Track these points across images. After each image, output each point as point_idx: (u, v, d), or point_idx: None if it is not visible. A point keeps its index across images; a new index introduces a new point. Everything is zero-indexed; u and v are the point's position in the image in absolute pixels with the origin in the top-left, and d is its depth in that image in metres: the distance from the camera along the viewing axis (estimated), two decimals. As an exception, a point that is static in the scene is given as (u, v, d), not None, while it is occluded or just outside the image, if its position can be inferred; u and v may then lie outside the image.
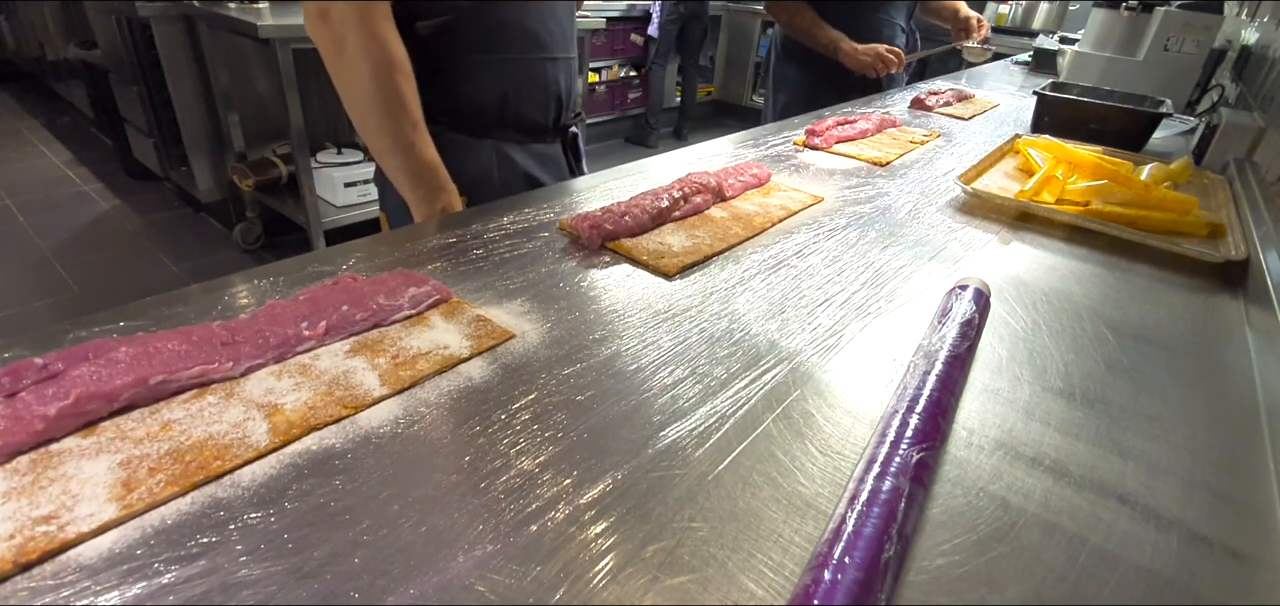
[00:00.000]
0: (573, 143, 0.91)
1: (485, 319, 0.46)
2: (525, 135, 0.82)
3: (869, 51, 1.44)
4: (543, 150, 0.85)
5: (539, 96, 0.81)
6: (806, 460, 0.36)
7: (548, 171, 0.86)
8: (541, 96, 0.82)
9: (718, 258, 0.60)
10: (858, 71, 1.47)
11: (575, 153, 0.92)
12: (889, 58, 1.44)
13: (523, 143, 0.82)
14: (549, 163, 0.87)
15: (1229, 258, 0.65)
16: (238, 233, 2.36)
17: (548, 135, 0.86)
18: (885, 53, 1.43)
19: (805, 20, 1.50)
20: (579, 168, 0.93)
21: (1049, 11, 3.46)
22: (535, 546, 0.29)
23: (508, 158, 0.81)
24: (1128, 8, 1.45)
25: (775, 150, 0.96)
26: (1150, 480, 0.37)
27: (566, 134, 0.89)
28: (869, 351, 0.47)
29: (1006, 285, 0.59)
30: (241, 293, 0.48)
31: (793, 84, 1.62)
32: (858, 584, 0.26)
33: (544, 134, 0.85)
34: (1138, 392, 0.45)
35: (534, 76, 0.80)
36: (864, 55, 1.44)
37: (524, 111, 0.80)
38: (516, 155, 0.82)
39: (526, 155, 0.83)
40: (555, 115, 0.85)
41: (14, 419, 0.31)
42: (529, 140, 0.83)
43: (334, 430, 0.35)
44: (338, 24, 0.64)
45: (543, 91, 0.82)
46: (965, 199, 0.81)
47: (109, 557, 0.27)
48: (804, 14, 1.51)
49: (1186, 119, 1.38)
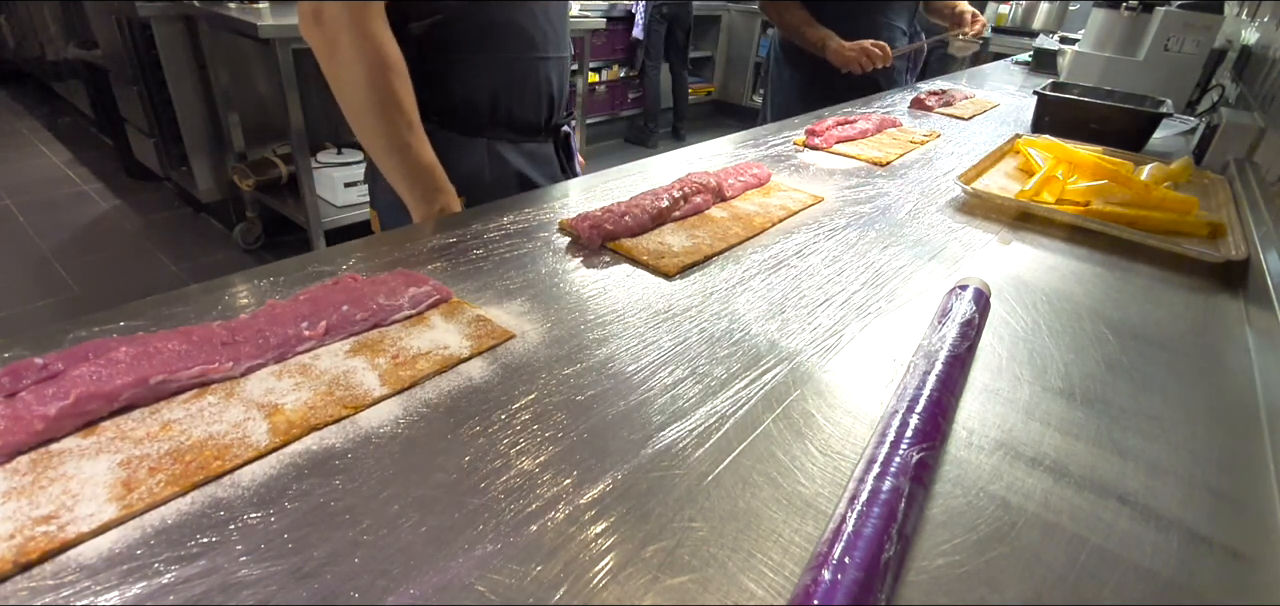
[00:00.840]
0: (565, 142, 0.91)
1: (485, 319, 0.46)
2: (518, 134, 0.82)
3: (855, 47, 1.42)
4: (535, 149, 0.85)
5: (531, 95, 0.81)
6: (806, 460, 0.36)
7: (540, 171, 0.86)
8: (534, 95, 0.82)
9: (718, 258, 0.60)
10: (844, 68, 1.44)
11: (567, 152, 0.92)
12: (874, 52, 1.41)
13: (515, 141, 0.82)
14: (541, 162, 0.87)
15: (1229, 258, 0.65)
16: (238, 233, 2.36)
17: (540, 134, 0.86)
18: (870, 47, 1.41)
19: (796, 18, 1.49)
20: (571, 167, 0.93)
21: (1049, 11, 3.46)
22: (535, 546, 0.29)
23: (500, 157, 0.81)
24: (1128, 8, 1.45)
25: (775, 150, 0.96)
26: (1150, 480, 0.37)
27: (559, 133, 0.89)
28: (869, 351, 0.47)
29: (1006, 285, 0.59)
30: (241, 293, 0.48)
31: (789, 85, 1.61)
32: (858, 584, 0.26)
33: (537, 133, 0.85)
34: (1138, 392, 0.45)
35: (526, 75, 0.80)
36: (850, 51, 1.42)
37: (516, 110, 0.81)
38: (509, 154, 0.82)
39: (519, 154, 0.83)
40: (547, 114, 0.85)
41: (14, 419, 0.31)
42: (521, 139, 0.83)
43: (334, 430, 0.35)
44: (331, 26, 0.64)
45: (535, 90, 0.82)
46: (965, 199, 0.81)
47: (109, 557, 0.27)
48: (794, 12, 1.49)
49: (1186, 119, 1.38)
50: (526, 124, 0.83)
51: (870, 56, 1.42)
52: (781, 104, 1.63)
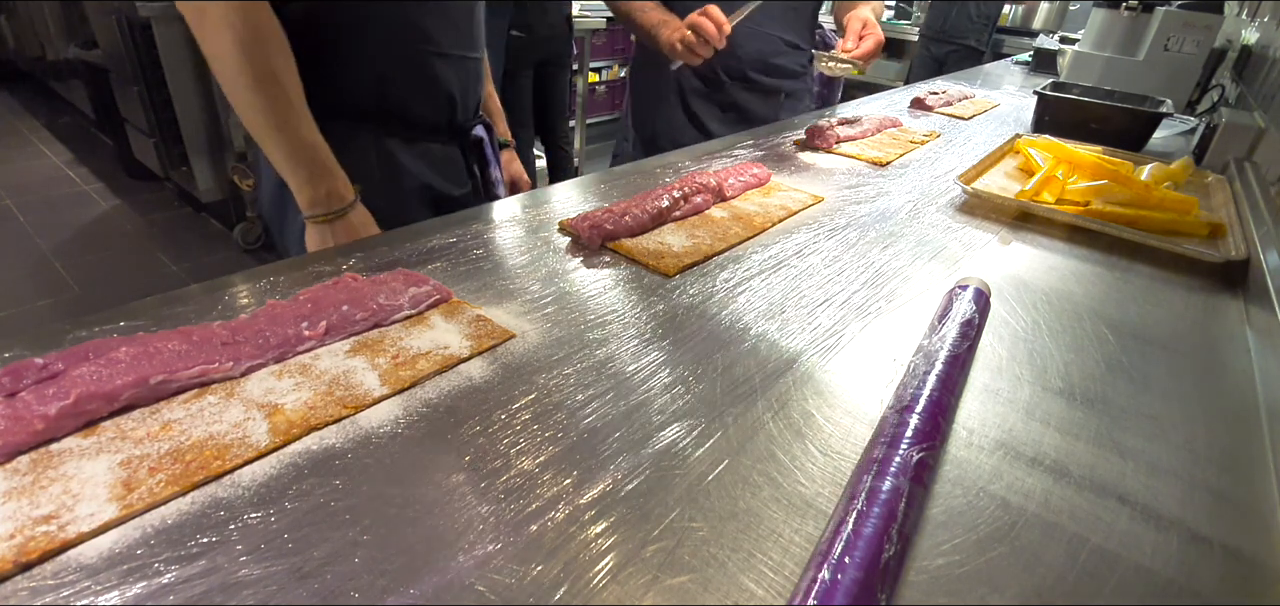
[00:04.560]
0: (477, 147, 0.85)
1: (485, 319, 0.46)
2: (411, 132, 0.78)
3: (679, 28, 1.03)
4: (436, 151, 0.80)
5: (424, 92, 0.77)
6: (806, 460, 0.36)
7: (442, 175, 0.81)
8: (427, 92, 0.77)
9: (718, 258, 0.60)
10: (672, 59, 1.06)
11: (481, 158, 0.86)
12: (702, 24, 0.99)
13: (410, 139, 0.78)
14: (444, 166, 0.82)
15: (1229, 257, 0.65)
16: (238, 233, 2.36)
17: (440, 135, 0.81)
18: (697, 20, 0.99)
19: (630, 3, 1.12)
20: (486, 174, 0.87)
21: (1049, 11, 3.46)
22: (535, 546, 0.29)
23: (390, 155, 0.76)
24: (1128, 8, 1.45)
25: (775, 150, 0.96)
26: (1150, 480, 0.37)
27: (468, 137, 0.84)
28: (869, 351, 0.47)
29: (1007, 285, 0.59)
30: (241, 293, 0.48)
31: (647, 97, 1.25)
32: (858, 584, 0.26)
33: (435, 133, 0.80)
34: (1138, 392, 0.45)
35: (418, 70, 0.76)
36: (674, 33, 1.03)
37: (410, 106, 0.76)
38: (401, 154, 0.77)
39: (413, 154, 0.78)
40: (449, 115, 0.81)
41: (14, 419, 0.31)
42: (417, 138, 0.78)
43: (334, 430, 0.35)
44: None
45: (429, 87, 0.77)
46: (965, 199, 0.81)
47: (109, 557, 0.27)
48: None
49: (1187, 119, 1.38)
50: (421, 122, 0.78)
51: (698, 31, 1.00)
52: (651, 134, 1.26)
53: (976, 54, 2.99)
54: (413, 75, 0.75)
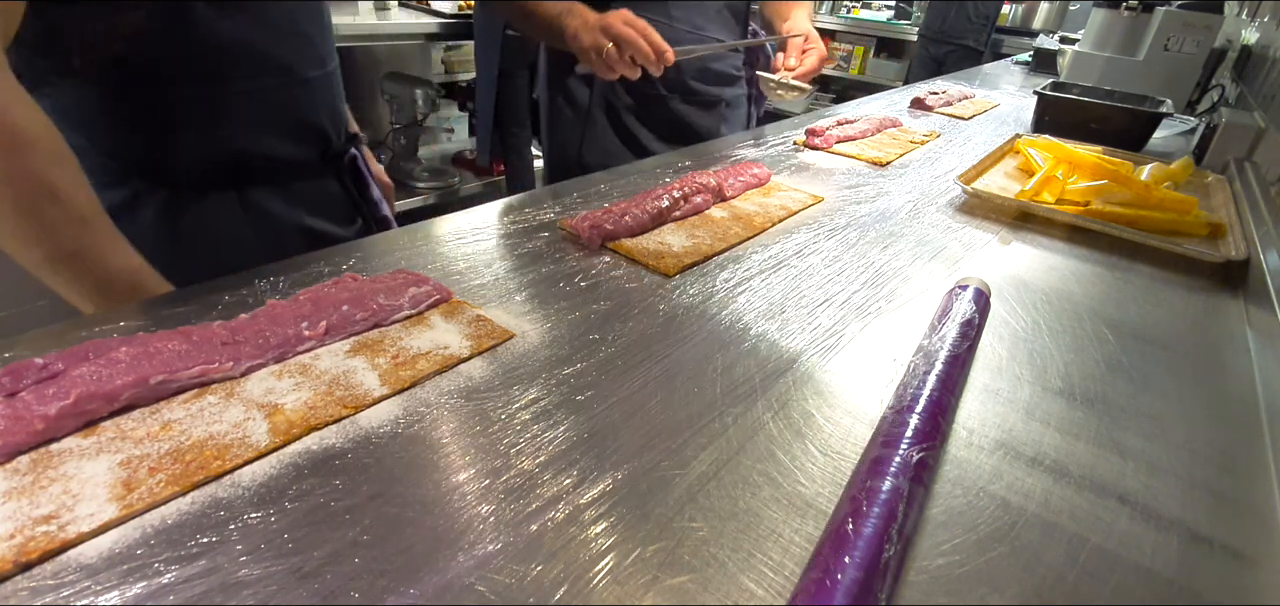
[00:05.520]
0: (351, 168, 0.71)
1: (485, 319, 0.46)
2: (283, 180, 0.65)
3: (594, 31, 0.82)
4: (311, 190, 0.68)
5: (291, 133, 0.64)
6: (806, 460, 0.36)
7: (324, 215, 0.69)
8: (295, 132, 0.64)
9: (718, 257, 0.60)
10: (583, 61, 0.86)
11: (358, 182, 0.72)
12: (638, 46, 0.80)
13: (283, 186, 0.65)
14: (324, 204, 0.69)
15: (1229, 257, 0.65)
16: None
17: (313, 171, 0.68)
18: (630, 36, 0.80)
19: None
20: (366, 196, 0.73)
21: (1049, 11, 3.46)
22: (535, 546, 0.29)
23: (262, 212, 0.63)
24: (1128, 8, 1.45)
25: (775, 150, 0.96)
26: (1150, 480, 0.37)
27: (343, 163, 0.70)
28: (869, 351, 0.47)
29: (1007, 285, 0.59)
30: (242, 293, 0.48)
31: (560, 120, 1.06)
32: (858, 584, 0.26)
33: (307, 172, 0.67)
34: (1138, 392, 0.45)
35: (280, 108, 0.62)
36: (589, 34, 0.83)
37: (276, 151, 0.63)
38: (273, 205, 0.64)
39: (286, 202, 0.65)
40: (320, 148, 0.67)
41: (14, 419, 0.31)
42: (289, 183, 0.65)
43: (334, 430, 0.35)
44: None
45: (295, 126, 0.64)
46: (965, 199, 0.81)
47: (109, 557, 0.27)
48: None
49: (1187, 119, 1.38)
50: (291, 165, 0.65)
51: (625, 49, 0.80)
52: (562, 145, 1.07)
53: (975, 54, 2.99)
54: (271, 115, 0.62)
